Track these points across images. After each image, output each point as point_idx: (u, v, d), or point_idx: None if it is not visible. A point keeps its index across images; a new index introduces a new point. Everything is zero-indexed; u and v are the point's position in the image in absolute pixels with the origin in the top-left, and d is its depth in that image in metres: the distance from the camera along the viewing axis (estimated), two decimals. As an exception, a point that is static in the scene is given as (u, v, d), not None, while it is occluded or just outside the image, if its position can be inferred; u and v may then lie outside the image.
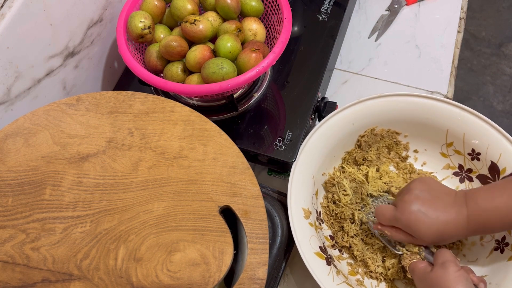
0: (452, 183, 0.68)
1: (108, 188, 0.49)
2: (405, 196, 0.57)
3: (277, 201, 0.63)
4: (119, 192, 0.49)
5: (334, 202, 0.66)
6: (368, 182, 0.66)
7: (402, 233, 0.57)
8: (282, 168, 0.66)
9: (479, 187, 0.61)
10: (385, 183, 0.66)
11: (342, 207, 0.65)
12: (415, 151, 0.70)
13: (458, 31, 0.84)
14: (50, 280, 0.45)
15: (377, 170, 0.68)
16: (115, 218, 0.48)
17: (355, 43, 0.85)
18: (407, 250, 0.58)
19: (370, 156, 0.68)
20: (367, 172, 0.67)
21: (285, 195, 0.62)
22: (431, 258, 0.56)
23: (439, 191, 0.57)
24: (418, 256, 0.57)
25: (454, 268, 0.51)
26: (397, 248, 0.60)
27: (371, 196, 0.65)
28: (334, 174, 0.68)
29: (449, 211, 0.54)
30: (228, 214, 0.49)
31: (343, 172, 0.68)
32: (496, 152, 0.62)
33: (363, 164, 0.69)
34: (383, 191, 0.65)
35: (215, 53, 0.60)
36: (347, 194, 0.65)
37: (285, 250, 0.61)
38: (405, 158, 0.70)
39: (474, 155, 0.64)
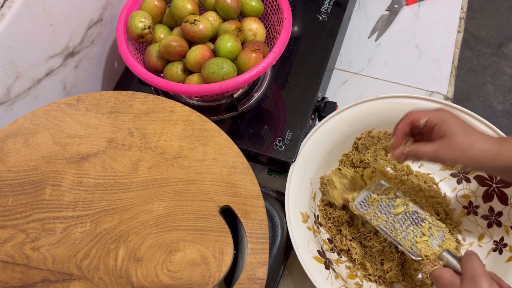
0: (450, 184, 0.68)
1: (108, 188, 0.49)
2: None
3: (277, 201, 0.63)
4: (119, 192, 0.49)
5: (331, 205, 0.66)
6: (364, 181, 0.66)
7: (426, 144, 0.53)
8: (282, 168, 0.66)
9: None
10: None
11: (339, 210, 0.64)
12: (412, 152, 0.70)
13: (458, 31, 0.84)
14: (50, 280, 0.45)
15: (373, 171, 0.68)
16: (115, 218, 0.48)
17: (355, 43, 0.85)
18: (426, 256, 0.53)
19: (367, 158, 0.68)
20: (363, 173, 0.67)
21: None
22: (455, 263, 0.51)
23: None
24: (440, 262, 0.52)
25: (486, 285, 0.46)
26: (414, 254, 0.54)
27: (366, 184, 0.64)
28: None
29: (481, 133, 0.52)
30: (228, 214, 0.49)
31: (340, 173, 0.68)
32: (494, 153, 0.62)
33: (359, 166, 0.68)
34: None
35: (215, 53, 0.60)
36: (336, 189, 0.64)
37: (285, 250, 0.61)
38: (402, 160, 0.70)
39: (472, 155, 0.64)
